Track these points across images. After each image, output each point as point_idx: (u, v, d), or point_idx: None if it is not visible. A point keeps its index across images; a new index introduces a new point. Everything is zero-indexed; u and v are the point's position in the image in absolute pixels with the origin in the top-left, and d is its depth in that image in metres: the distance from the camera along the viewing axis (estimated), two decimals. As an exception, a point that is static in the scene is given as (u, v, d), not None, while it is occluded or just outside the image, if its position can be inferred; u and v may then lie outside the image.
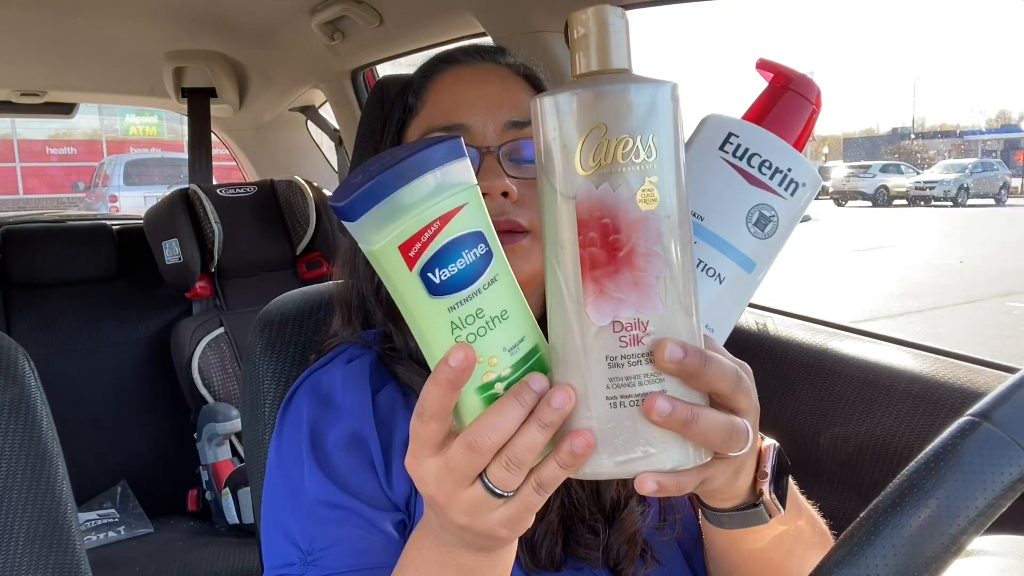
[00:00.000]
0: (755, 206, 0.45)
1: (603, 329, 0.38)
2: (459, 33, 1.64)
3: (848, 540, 0.40)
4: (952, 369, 0.96)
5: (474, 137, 0.67)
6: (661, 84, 0.38)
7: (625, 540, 0.65)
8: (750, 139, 0.46)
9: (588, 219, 0.38)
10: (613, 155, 0.37)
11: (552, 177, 0.39)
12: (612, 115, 0.37)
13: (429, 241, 0.38)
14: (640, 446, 0.39)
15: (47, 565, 0.81)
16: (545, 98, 0.39)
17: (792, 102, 0.47)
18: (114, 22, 1.98)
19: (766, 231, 0.46)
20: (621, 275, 0.38)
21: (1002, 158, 22.95)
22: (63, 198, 16.73)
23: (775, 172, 0.46)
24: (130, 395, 2.15)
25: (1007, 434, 0.40)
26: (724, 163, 0.46)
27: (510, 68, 0.71)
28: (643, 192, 0.37)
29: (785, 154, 0.46)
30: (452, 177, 0.38)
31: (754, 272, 0.46)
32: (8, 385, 0.83)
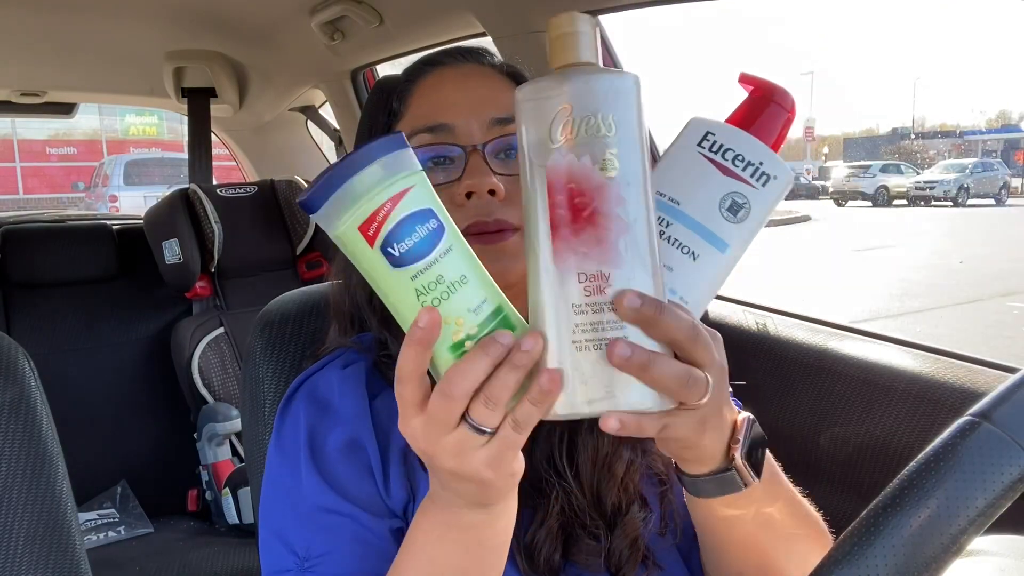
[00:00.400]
0: (728, 193, 0.51)
1: (568, 279, 0.44)
2: (459, 33, 1.64)
3: (848, 540, 0.40)
4: (952, 369, 0.96)
5: (459, 136, 0.66)
6: (624, 74, 0.45)
7: (627, 545, 0.65)
8: (726, 137, 0.51)
9: (556, 183, 0.44)
10: (578, 130, 0.44)
11: (528, 149, 0.45)
12: (578, 97, 0.44)
13: (384, 220, 0.43)
14: (605, 387, 0.43)
15: (47, 565, 0.81)
16: (526, 86, 0.46)
17: (768, 110, 0.53)
18: (114, 22, 1.98)
19: (738, 216, 0.51)
20: (585, 232, 0.44)
21: (1002, 158, 22.96)
22: (63, 198, 16.73)
23: (747, 165, 0.51)
24: (130, 395, 2.15)
25: (1007, 434, 0.40)
26: (701, 156, 0.51)
27: (494, 68, 0.71)
28: (604, 161, 0.44)
29: (757, 150, 0.51)
30: (397, 164, 0.44)
31: (728, 254, 0.51)
32: (8, 385, 0.83)
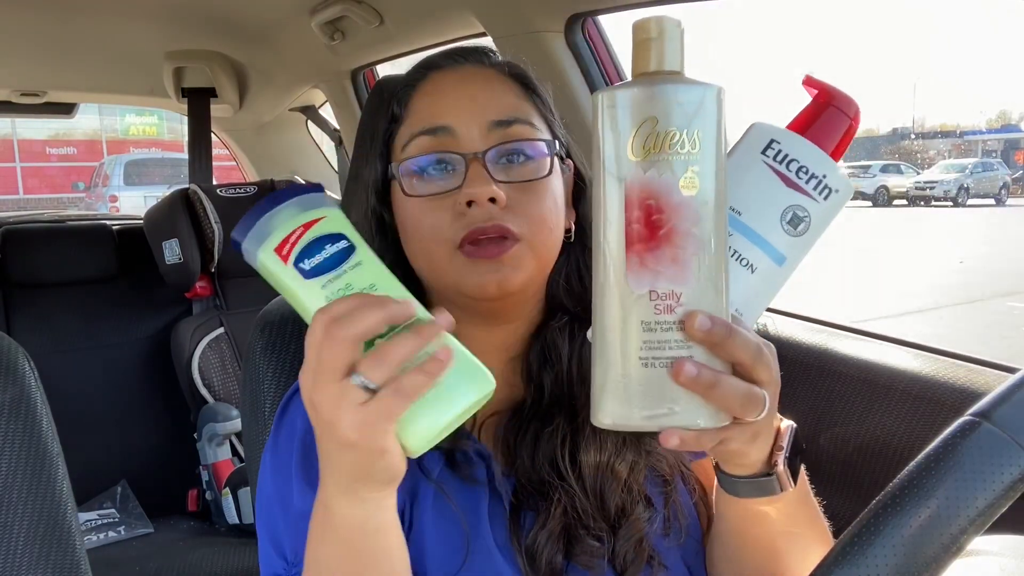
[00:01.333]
0: (789, 206, 0.50)
1: (641, 297, 0.43)
2: (459, 33, 1.64)
3: (848, 540, 0.40)
4: (952, 369, 0.96)
5: (459, 141, 0.64)
6: (708, 87, 0.44)
7: (632, 546, 0.64)
8: (790, 146, 0.50)
9: (635, 199, 0.43)
10: (661, 145, 0.42)
11: (606, 162, 0.44)
12: (663, 110, 0.42)
13: (296, 241, 0.49)
14: (666, 403, 0.43)
15: (47, 565, 0.81)
16: (605, 92, 0.44)
17: (832, 116, 0.52)
18: (114, 22, 1.98)
19: (798, 229, 0.50)
20: (661, 250, 0.43)
21: (1002, 158, 22.94)
22: (63, 198, 16.72)
23: (811, 177, 0.50)
24: (130, 395, 2.14)
25: (1007, 434, 0.40)
26: (764, 165, 0.50)
27: (495, 68, 0.69)
28: (686, 179, 0.43)
29: (821, 161, 0.50)
30: (310, 203, 0.51)
31: (784, 266, 0.51)
32: (8, 385, 0.83)
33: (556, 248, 0.67)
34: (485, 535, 0.64)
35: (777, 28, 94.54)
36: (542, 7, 1.36)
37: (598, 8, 1.35)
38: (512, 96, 0.67)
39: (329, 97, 2.29)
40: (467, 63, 0.70)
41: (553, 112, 0.70)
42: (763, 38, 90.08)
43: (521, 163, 0.64)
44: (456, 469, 0.65)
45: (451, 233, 0.63)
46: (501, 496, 0.65)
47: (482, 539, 0.63)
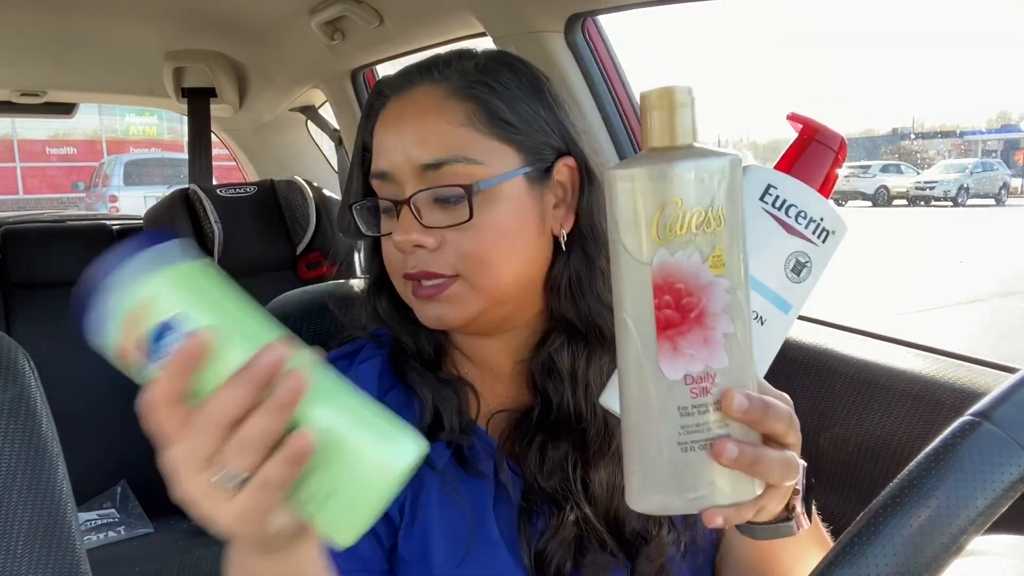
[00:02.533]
0: (792, 253, 0.49)
1: (676, 383, 0.42)
2: (459, 33, 1.64)
3: (848, 540, 0.40)
4: (952, 369, 0.96)
5: (396, 184, 0.64)
6: (725, 156, 0.42)
7: (654, 570, 0.65)
8: (787, 190, 0.50)
9: (663, 283, 0.41)
10: (687, 225, 0.41)
11: (628, 245, 0.42)
12: (686, 190, 0.41)
13: (135, 339, 0.44)
14: (707, 485, 0.43)
15: (47, 565, 0.81)
16: (622, 171, 0.42)
17: (818, 152, 0.51)
18: (114, 22, 1.98)
19: (801, 275, 0.50)
20: (693, 333, 0.42)
21: (1002, 158, 22.93)
22: (63, 198, 16.72)
23: (810, 221, 0.49)
24: (130, 395, 2.10)
25: (1007, 434, 0.40)
26: (765, 213, 0.49)
27: (447, 85, 0.65)
28: (713, 258, 0.41)
29: (818, 204, 0.50)
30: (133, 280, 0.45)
31: (790, 313, 0.50)
32: (8, 385, 0.83)
33: (510, 279, 0.65)
34: (490, 528, 0.64)
35: (776, 27, 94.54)
36: (542, 7, 1.36)
37: (598, 8, 1.35)
38: (455, 124, 0.63)
39: (329, 97, 2.29)
40: (417, 85, 0.66)
41: (537, 113, 0.66)
42: (763, 37, 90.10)
43: (456, 203, 0.62)
44: (462, 462, 0.66)
45: (401, 268, 0.65)
46: (507, 491, 0.65)
47: (486, 532, 0.64)
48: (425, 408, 0.67)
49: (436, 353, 0.71)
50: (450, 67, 0.67)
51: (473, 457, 0.66)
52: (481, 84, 0.65)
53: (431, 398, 0.67)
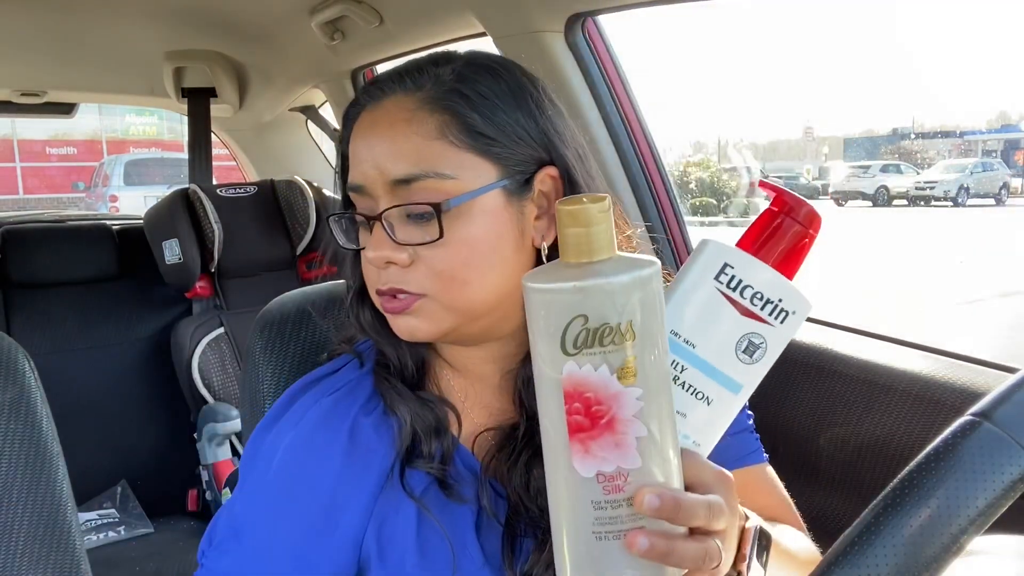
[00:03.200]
0: (745, 335, 0.48)
1: (589, 480, 0.44)
2: (459, 33, 1.64)
3: (848, 540, 0.40)
4: (952, 369, 0.96)
5: (370, 198, 0.63)
6: (640, 272, 0.43)
7: None
8: (744, 270, 0.48)
9: (573, 392, 0.43)
10: (595, 340, 0.42)
11: (541, 353, 0.44)
12: (593, 306, 0.42)
13: None
14: (625, 569, 0.45)
15: (47, 565, 0.81)
16: (533, 285, 0.44)
17: (788, 229, 0.49)
18: (114, 22, 1.98)
19: (754, 357, 0.49)
20: (603, 438, 0.43)
21: (1002, 158, 22.90)
22: (63, 198, 16.70)
23: (766, 303, 0.48)
24: (130, 395, 2.14)
25: (1008, 434, 0.40)
26: (718, 293, 0.49)
27: (421, 95, 0.62)
28: (622, 370, 0.43)
29: (777, 285, 0.49)
30: None
31: (740, 393, 0.50)
32: (8, 385, 0.83)
33: (485, 295, 0.63)
34: (474, 553, 0.63)
35: (776, 27, 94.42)
36: (542, 7, 1.36)
37: (598, 8, 1.35)
38: (427, 137, 0.61)
39: (329, 97, 2.30)
40: (389, 95, 0.64)
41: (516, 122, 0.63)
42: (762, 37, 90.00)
43: (428, 220, 0.61)
44: (444, 488, 0.65)
45: (375, 283, 0.64)
46: (492, 513, 0.64)
47: (470, 557, 0.63)
48: (403, 431, 0.66)
49: (420, 367, 0.70)
50: (424, 75, 0.64)
51: (456, 482, 0.65)
52: (456, 94, 0.62)
53: (409, 420, 0.66)
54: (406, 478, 0.65)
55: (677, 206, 1.47)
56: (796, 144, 35.33)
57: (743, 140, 36.41)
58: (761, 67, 76.76)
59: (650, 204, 1.45)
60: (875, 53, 68.43)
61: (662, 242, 1.43)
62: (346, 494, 0.64)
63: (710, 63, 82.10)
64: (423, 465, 0.65)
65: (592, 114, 1.42)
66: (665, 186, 1.47)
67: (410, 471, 0.65)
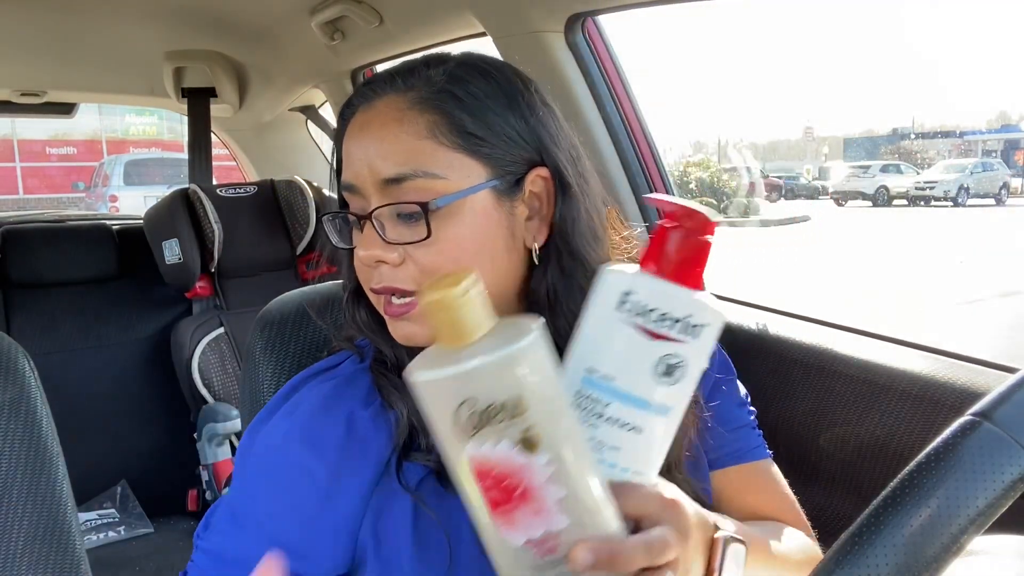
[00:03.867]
0: (661, 358, 0.47)
1: (520, 547, 0.44)
2: (459, 33, 1.64)
3: (848, 540, 0.40)
4: (952, 369, 0.96)
5: (362, 197, 0.64)
6: (518, 344, 0.42)
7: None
8: (646, 294, 0.47)
9: (481, 470, 0.43)
10: (487, 419, 0.42)
11: (443, 439, 0.44)
12: (477, 388, 0.42)
13: None
14: None
15: (47, 565, 0.81)
16: (416, 377, 0.43)
17: (684, 240, 0.48)
18: (114, 22, 1.98)
19: (675, 376, 0.47)
20: (522, 509, 0.43)
21: (1002, 158, 22.92)
22: (63, 198, 16.71)
23: (675, 322, 0.47)
24: (130, 395, 2.14)
25: (1008, 434, 0.40)
26: (624, 324, 0.47)
27: (412, 94, 0.63)
28: (523, 441, 0.42)
29: (683, 302, 0.47)
30: None
31: (670, 415, 0.48)
32: (8, 385, 0.83)
33: None
34: (470, 543, 0.63)
35: (776, 26, 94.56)
36: (542, 7, 1.36)
37: (598, 8, 1.35)
38: (417, 136, 0.61)
39: (329, 97, 2.30)
40: (381, 96, 0.64)
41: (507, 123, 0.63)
42: (762, 36, 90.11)
43: (417, 219, 0.61)
44: (442, 480, 0.65)
45: (368, 282, 0.65)
46: None
47: (466, 547, 0.63)
48: (401, 424, 0.66)
49: None
50: (416, 76, 0.64)
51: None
52: (446, 94, 0.62)
53: (406, 413, 0.66)
54: (403, 471, 0.65)
55: (677, 206, 1.47)
56: (796, 144, 35.34)
57: (743, 140, 36.39)
58: (761, 67, 76.85)
59: (650, 204, 1.45)
60: (875, 53, 68.41)
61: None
62: (343, 485, 0.65)
63: (710, 63, 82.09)
64: (420, 458, 0.65)
65: (592, 114, 1.42)
66: (665, 186, 1.47)
67: (407, 464, 0.66)
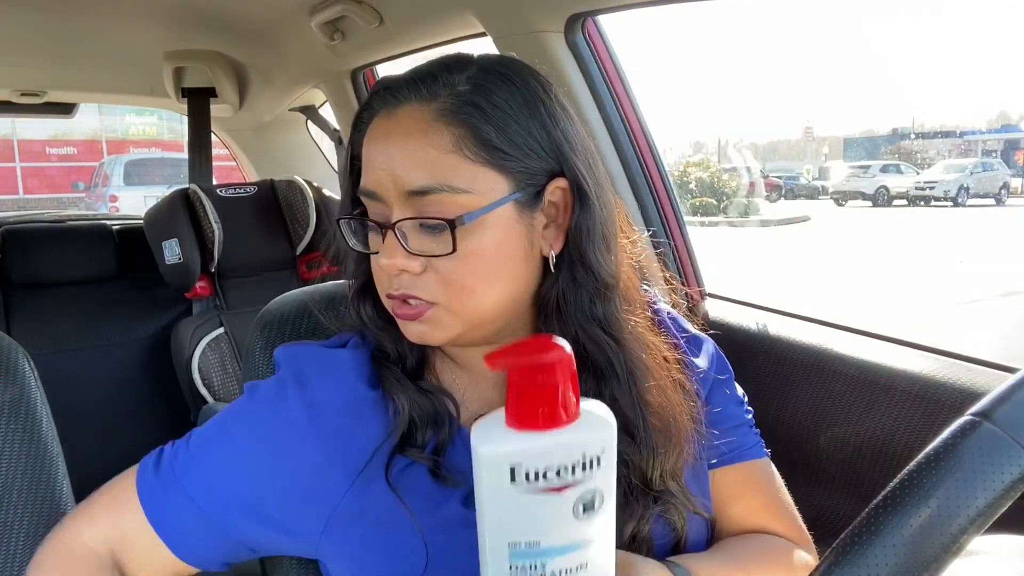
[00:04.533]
0: (575, 503, 0.46)
1: None
2: (459, 33, 1.64)
3: (848, 540, 0.40)
4: (952, 369, 0.96)
5: (384, 207, 0.64)
6: None
7: None
8: (531, 459, 0.46)
9: None
10: None
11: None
12: None
13: None
14: None
15: (47, 565, 0.81)
16: None
17: (536, 385, 0.46)
18: (114, 22, 1.98)
19: (596, 506, 0.47)
20: None
21: (1002, 158, 22.91)
22: (63, 198, 16.71)
23: (569, 468, 0.46)
24: (130, 395, 2.14)
25: (1008, 433, 0.40)
26: (525, 494, 0.46)
27: (436, 105, 0.62)
28: None
29: (568, 448, 0.46)
30: None
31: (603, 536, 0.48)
32: (8, 385, 0.83)
33: (492, 303, 0.64)
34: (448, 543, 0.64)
35: (776, 26, 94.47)
36: (542, 7, 1.36)
37: (598, 8, 1.35)
38: (442, 150, 0.61)
39: (329, 97, 2.30)
40: (404, 103, 0.64)
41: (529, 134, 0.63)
42: (762, 36, 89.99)
43: (441, 232, 0.61)
44: (436, 477, 0.66)
45: (386, 288, 0.65)
46: None
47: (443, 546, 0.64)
48: (401, 417, 0.67)
49: (419, 361, 0.71)
50: (439, 83, 0.63)
51: (451, 471, 0.66)
52: (471, 106, 0.62)
53: (407, 408, 0.67)
54: (392, 463, 0.66)
55: (677, 207, 1.47)
56: (796, 144, 35.32)
57: (743, 140, 36.38)
58: (761, 67, 76.78)
59: (650, 205, 1.45)
60: (875, 53, 68.39)
61: (663, 244, 1.43)
62: (333, 462, 0.66)
63: (710, 63, 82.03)
64: (414, 454, 0.66)
65: (592, 114, 1.42)
66: (665, 187, 1.47)
67: (399, 457, 0.67)
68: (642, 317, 0.70)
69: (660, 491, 0.66)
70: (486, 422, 0.48)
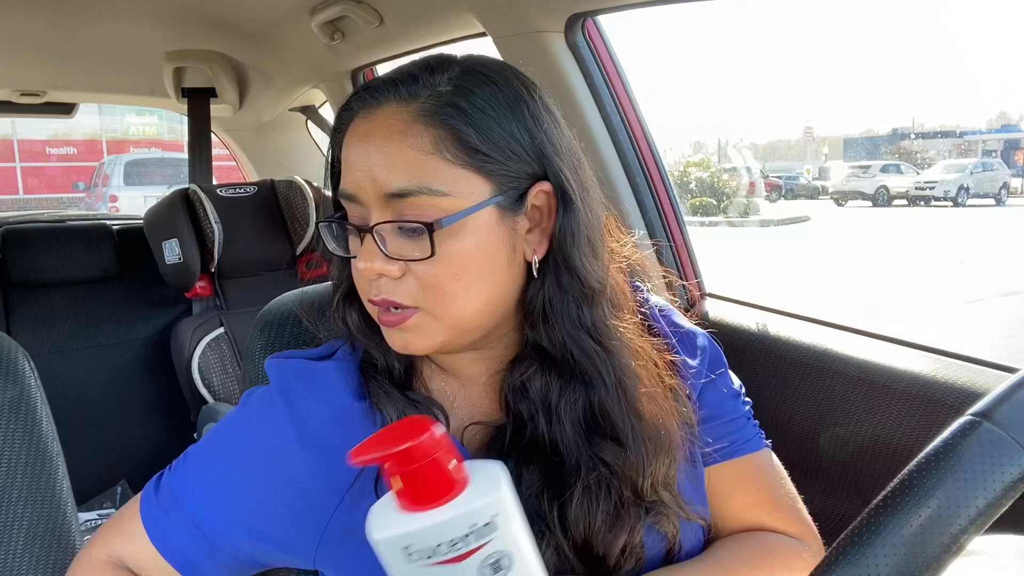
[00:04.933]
0: (480, 567, 0.47)
1: None
2: (459, 33, 1.64)
3: (848, 540, 0.40)
4: (952, 369, 0.96)
5: (364, 211, 0.62)
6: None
7: None
8: (423, 537, 0.47)
9: None
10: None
11: None
12: None
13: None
14: None
15: (47, 564, 0.81)
16: None
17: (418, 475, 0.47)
18: (114, 22, 1.98)
19: (505, 566, 0.48)
20: None
21: (1002, 158, 22.91)
22: (63, 198, 16.71)
23: (466, 537, 0.47)
24: (130, 395, 2.15)
25: (1008, 433, 0.40)
26: (426, 569, 0.47)
27: (417, 105, 0.61)
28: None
29: (459, 520, 0.47)
30: None
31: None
32: (8, 385, 0.83)
33: (474, 308, 0.62)
34: None
35: (776, 26, 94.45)
36: (542, 7, 1.36)
37: (598, 8, 1.35)
38: (422, 152, 0.60)
39: (329, 97, 2.30)
40: (383, 104, 0.62)
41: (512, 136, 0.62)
42: (763, 36, 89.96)
43: (420, 235, 0.60)
44: None
45: (366, 293, 0.64)
46: None
47: None
48: None
49: (407, 369, 0.70)
50: (419, 83, 0.62)
51: None
52: (452, 107, 0.60)
53: (395, 419, 0.65)
54: (380, 479, 0.65)
55: (677, 207, 1.47)
56: (796, 144, 35.32)
57: (743, 140, 36.38)
58: (761, 67, 76.79)
59: (650, 205, 1.45)
60: (875, 52, 68.35)
61: (663, 245, 1.43)
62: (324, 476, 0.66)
63: (710, 63, 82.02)
64: None
65: (592, 114, 1.42)
66: (665, 187, 1.47)
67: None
68: (631, 322, 0.68)
69: (652, 501, 0.65)
70: (382, 504, 0.49)
